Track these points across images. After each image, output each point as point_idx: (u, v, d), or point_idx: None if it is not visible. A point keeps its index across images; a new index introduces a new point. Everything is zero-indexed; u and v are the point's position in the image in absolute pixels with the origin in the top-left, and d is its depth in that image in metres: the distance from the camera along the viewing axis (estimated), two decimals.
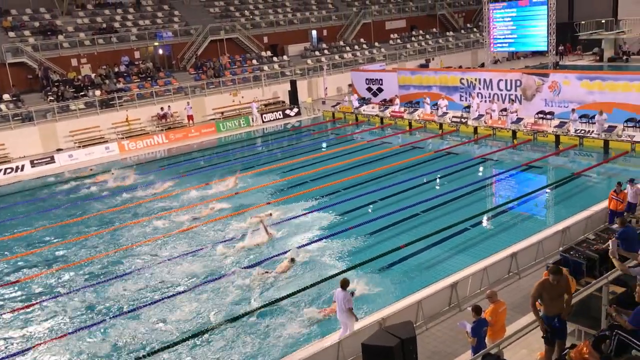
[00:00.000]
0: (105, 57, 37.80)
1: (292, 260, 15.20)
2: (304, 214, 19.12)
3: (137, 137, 33.27)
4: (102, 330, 12.97)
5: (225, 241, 17.33)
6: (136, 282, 15.21)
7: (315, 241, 16.79)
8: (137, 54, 39.83)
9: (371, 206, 19.72)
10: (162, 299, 14.12)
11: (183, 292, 14.39)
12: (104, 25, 39.04)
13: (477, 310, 9.39)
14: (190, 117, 35.43)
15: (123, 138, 33.09)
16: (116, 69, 37.62)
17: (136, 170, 26.85)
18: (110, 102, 34.41)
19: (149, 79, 37.30)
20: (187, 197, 22.17)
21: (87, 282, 15.52)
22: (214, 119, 36.75)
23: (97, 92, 34.63)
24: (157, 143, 32.94)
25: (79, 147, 31.83)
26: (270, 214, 18.90)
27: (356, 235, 16.98)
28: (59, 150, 31.77)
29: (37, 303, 14.59)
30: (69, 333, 12.90)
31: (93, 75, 36.32)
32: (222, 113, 37.48)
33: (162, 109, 35.27)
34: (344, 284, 11.24)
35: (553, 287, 8.66)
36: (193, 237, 18.03)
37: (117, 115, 34.28)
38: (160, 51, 41.55)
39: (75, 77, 35.58)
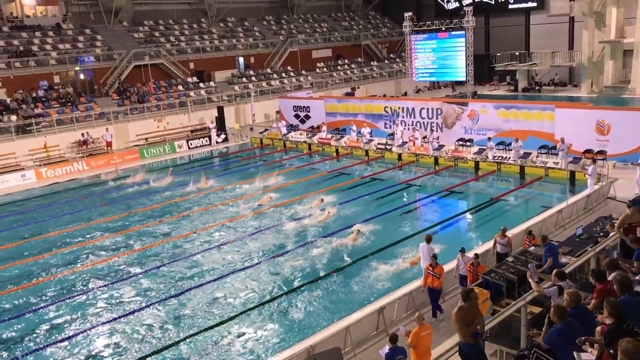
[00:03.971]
0: (22, 81, 36.30)
1: (359, 231, 18.40)
2: (237, 239, 18.99)
3: (56, 164, 31.92)
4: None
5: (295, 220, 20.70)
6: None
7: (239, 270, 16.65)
8: (56, 79, 38.52)
9: (301, 232, 19.73)
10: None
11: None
12: (22, 48, 37.56)
13: (392, 339, 9.55)
14: (108, 144, 34.48)
15: (41, 165, 31.67)
16: (34, 94, 36.18)
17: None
18: (27, 128, 32.97)
19: (69, 104, 36.07)
20: None
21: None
22: (137, 145, 35.90)
23: (13, 118, 33.09)
24: (77, 170, 31.70)
25: None
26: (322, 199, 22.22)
27: (284, 261, 17.01)
28: None
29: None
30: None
31: (9, 100, 34.73)
32: (146, 139, 36.70)
33: (82, 135, 34.13)
34: (429, 239, 13.61)
35: (468, 312, 8.58)
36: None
37: (35, 142, 32.84)
38: (82, 76, 40.40)
39: None
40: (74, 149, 33.99)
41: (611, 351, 6.55)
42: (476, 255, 13.31)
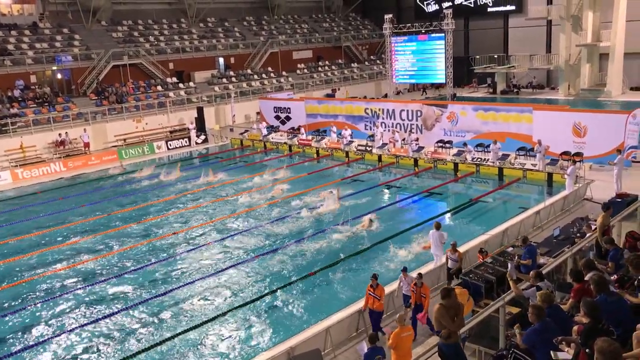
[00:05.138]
0: None
1: (371, 220, 19.36)
2: (222, 238, 18.92)
3: (32, 165, 31.47)
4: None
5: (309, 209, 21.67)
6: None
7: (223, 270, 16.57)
8: (33, 78, 37.98)
9: (282, 233, 19.70)
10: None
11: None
12: None
13: (371, 339, 9.59)
14: (86, 145, 34.08)
15: (17, 166, 31.20)
16: (10, 93, 35.63)
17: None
18: (3, 128, 32.46)
19: (46, 104, 35.59)
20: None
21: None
22: (115, 146, 35.54)
23: None
24: (54, 171, 31.27)
25: None
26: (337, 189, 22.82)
27: (261, 263, 17.02)
28: None
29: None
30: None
31: None
32: (125, 140, 36.35)
33: (60, 135, 33.70)
34: (438, 226, 14.85)
35: (447, 310, 8.58)
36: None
37: (11, 142, 32.33)
38: (59, 75, 39.88)
39: None
40: (51, 149, 33.54)
41: (587, 350, 6.64)
42: (419, 275, 12.32)
